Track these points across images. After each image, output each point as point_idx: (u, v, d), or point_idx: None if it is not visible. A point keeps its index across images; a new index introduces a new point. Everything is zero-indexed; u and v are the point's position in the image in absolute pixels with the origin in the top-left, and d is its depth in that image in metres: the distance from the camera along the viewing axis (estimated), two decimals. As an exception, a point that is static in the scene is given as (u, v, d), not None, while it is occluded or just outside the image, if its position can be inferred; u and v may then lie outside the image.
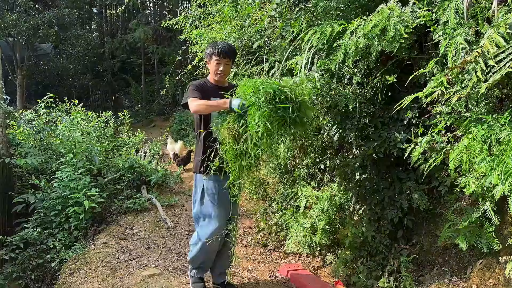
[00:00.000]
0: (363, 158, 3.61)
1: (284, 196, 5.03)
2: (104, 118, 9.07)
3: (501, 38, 2.64)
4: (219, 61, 3.36)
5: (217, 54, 3.34)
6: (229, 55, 3.38)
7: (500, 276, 2.79)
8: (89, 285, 4.12)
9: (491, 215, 2.70)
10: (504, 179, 2.40)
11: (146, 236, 5.10)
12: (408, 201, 3.38)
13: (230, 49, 3.40)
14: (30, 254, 5.63)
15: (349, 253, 3.57)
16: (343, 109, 3.65)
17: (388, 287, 3.23)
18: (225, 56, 3.35)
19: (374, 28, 3.36)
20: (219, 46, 3.38)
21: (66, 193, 5.84)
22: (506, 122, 2.62)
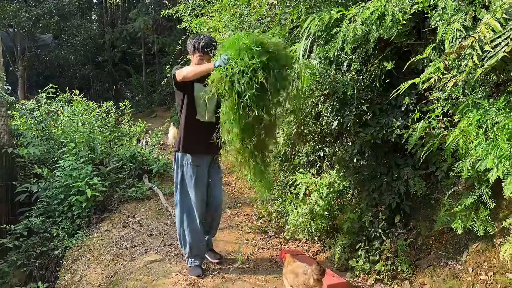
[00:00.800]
0: (361, 145, 3.64)
1: (284, 184, 5.07)
2: (106, 108, 9.10)
3: (497, 23, 2.64)
4: (202, 56, 3.46)
5: (200, 50, 3.46)
6: (207, 50, 3.43)
7: (495, 259, 2.84)
8: (92, 271, 4.19)
9: (486, 199, 2.74)
10: (498, 162, 2.44)
11: (148, 224, 5.17)
12: (405, 187, 3.42)
13: (212, 44, 3.48)
14: (33, 242, 5.72)
15: (347, 238, 3.62)
16: (342, 96, 3.67)
17: (386, 270, 3.28)
18: (208, 53, 3.41)
19: (372, 15, 3.36)
20: (202, 42, 3.49)
21: (68, 182, 5.91)
22: (502, 106, 2.65)
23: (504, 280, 2.70)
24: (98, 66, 19.06)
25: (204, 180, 3.58)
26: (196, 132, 3.52)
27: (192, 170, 3.51)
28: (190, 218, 3.59)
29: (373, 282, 3.31)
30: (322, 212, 3.94)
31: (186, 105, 3.55)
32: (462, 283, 2.89)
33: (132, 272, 3.84)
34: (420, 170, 3.38)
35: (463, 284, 2.88)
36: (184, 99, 3.56)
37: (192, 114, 3.55)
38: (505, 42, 2.58)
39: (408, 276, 3.19)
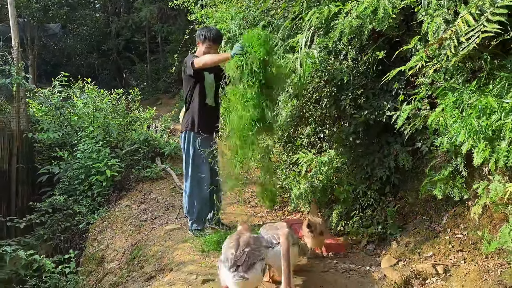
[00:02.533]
0: (356, 125, 4.11)
1: (287, 163, 5.54)
2: (116, 95, 9.57)
3: (471, 18, 3.09)
4: (211, 46, 4.06)
5: (211, 40, 4.06)
6: (219, 42, 4.19)
7: (470, 220, 3.32)
8: (117, 240, 4.71)
9: (461, 169, 3.22)
10: (468, 137, 2.91)
11: (164, 200, 5.68)
12: (394, 161, 3.89)
13: (221, 37, 4.22)
14: (58, 218, 6.27)
15: (343, 208, 4.11)
16: (339, 82, 4.13)
17: (376, 233, 3.78)
18: (216, 42, 4.09)
19: (366, 9, 3.81)
20: (213, 32, 4.11)
21: (88, 163, 6.41)
22: (474, 89, 3.11)
23: (475, 236, 3.19)
24: (103, 55, 19.46)
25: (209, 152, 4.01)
26: (206, 115, 4.10)
27: (204, 145, 3.99)
28: (200, 188, 4.12)
29: (365, 243, 3.81)
30: (322, 186, 4.43)
31: (199, 91, 4.11)
32: (441, 241, 3.39)
33: (154, 239, 4.35)
34: (408, 146, 3.85)
35: (442, 242, 3.38)
36: (196, 86, 4.10)
37: (203, 99, 4.14)
38: (477, 34, 3.03)
39: (395, 237, 3.69)
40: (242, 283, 2.47)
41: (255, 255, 2.61)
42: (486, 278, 2.81)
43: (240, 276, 2.47)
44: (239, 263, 2.53)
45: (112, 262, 4.43)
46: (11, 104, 7.72)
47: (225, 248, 2.73)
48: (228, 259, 2.59)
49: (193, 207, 4.15)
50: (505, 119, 2.75)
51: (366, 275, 3.27)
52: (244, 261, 2.53)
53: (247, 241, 2.71)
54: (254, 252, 2.63)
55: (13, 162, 7.43)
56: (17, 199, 7.38)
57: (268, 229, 3.13)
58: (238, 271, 2.50)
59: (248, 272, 2.50)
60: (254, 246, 2.68)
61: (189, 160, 4.13)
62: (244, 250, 2.61)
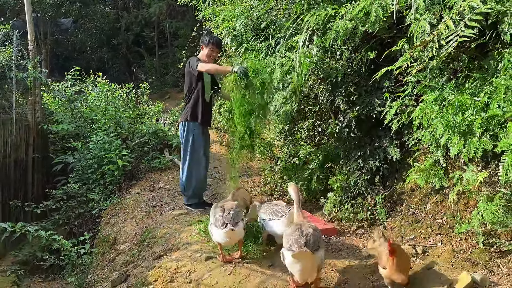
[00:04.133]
0: (350, 120, 4.44)
1: (287, 155, 5.89)
2: (127, 89, 9.96)
3: (451, 23, 3.40)
4: (214, 49, 4.95)
5: (213, 44, 4.93)
6: (220, 47, 5.14)
7: (449, 207, 3.65)
8: (129, 224, 5.11)
9: (440, 160, 3.54)
10: (445, 131, 3.24)
11: (172, 189, 6.06)
12: (384, 153, 4.23)
13: (221, 43, 5.17)
14: (72, 204, 6.67)
15: (337, 196, 4.45)
16: (334, 80, 4.47)
17: (366, 219, 4.13)
18: (218, 47, 5.03)
19: (359, 12, 4.13)
20: (215, 39, 5.01)
21: (101, 153, 6.81)
22: (453, 88, 3.43)
23: (452, 221, 3.52)
24: (113, 49, 19.87)
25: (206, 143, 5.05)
26: (204, 108, 4.91)
27: (201, 134, 4.93)
28: (198, 168, 4.91)
29: (356, 228, 4.16)
30: (319, 176, 4.79)
31: (201, 89, 4.91)
32: (422, 226, 3.73)
33: (162, 223, 4.74)
34: (396, 140, 4.18)
35: (423, 226, 3.72)
36: (198, 84, 4.91)
37: (202, 95, 4.92)
38: (455, 38, 3.34)
39: (383, 222, 4.03)
40: (230, 233, 3.35)
41: (238, 216, 3.49)
42: (457, 257, 3.15)
43: (229, 228, 3.31)
44: (227, 221, 3.37)
45: (124, 244, 4.82)
46: (27, 97, 8.13)
47: (213, 214, 3.59)
48: (217, 220, 3.43)
49: (190, 186, 4.92)
50: (476, 115, 3.07)
51: (354, 255, 3.63)
52: (230, 219, 3.38)
53: (231, 207, 3.56)
54: (237, 214, 3.50)
55: (29, 152, 7.86)
56: (32, 187, 7.82)
57: (267, 206, 3.75)
58: (227, 226, 3.33)
59: (234, 227, 3.35)
60: (236, 210, 3.54)
61: (188, 145, 4.88)
62: (230, 212, 3.46)
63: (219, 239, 3.48)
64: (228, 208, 3.53)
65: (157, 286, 3.46)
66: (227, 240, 3.47)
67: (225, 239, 3.43)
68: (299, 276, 2.92)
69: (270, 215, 3.61)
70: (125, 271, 4.23)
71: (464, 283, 2.72)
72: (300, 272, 2.89)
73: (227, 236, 3.39)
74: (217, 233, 3.45)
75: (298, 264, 2.85)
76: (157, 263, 3.90)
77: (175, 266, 3.62)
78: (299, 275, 2.91)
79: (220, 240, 3.50)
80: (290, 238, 2.90)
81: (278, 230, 3.51)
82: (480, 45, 3.52)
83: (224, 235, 3.38)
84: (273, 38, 6.08)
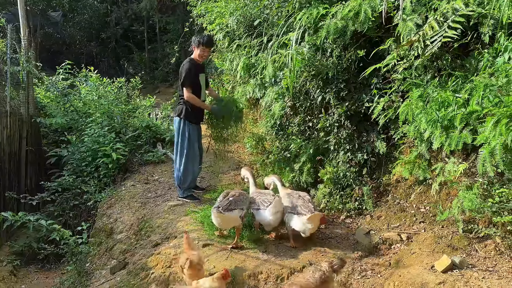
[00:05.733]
0: (339, 115, 4.66)
1: (279, 149, 6.08)
2: (118, 83, 10.04)
3: (436, 24, 3.63)
4: (205, 49, 5.10)
5: (204, 44, 5.06)
6: (211, 45, 5.24)
7: (432, 196, 3.89)
8: (125, 214, 5.25)
9: (424, 153, 3.78)
10: (429, 125, 3.47)
11: (166, 181, 6.21)
12: (371, 147, 4.45)
13: (212, 41, 5.27)
14: (67, 197, 6.76)
15: (327, 187, 4.67)
16: (325, 77, 4.67)
17: (354, 209, 4.36)
18: (209, 46, 5.14)
19: (349, 12, 4.35)
20: (205, 38, 5.11)
21: (95, 147, 6.91)
22: (436, 85, 3.66)
23: (435, 210, 3.76)
24: (102, 43, 19.81)
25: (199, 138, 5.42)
26: (197, 107, 5.19)
27: (196, 130, 5.27)
28: (193, 164, 5.21)
29: (344, 217, 4.38)
30: (309, 169, 4.99)
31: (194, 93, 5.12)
32: (407, 215, 3.96)
33: (159, 213, 4.90)
34: (383, 134, 4.41)
35: (408, 215, 3.96)
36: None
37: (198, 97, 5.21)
38: (439, 38, 3.57)
39: (370, 212, 4.26)
40: (218, 215, 3.63)
41: (236, 204, 3.74)
42: (439, 243, 3.38)
43: (218, 211, 3.60)
44: (220, 205, 3.66)
45: (121, 234, 4.97)
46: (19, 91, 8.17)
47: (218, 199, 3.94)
48: (216, 203, 3.79)
49: (186, 179, 5.18)
50: (458, 111, 3.30)
51: (342, 241, 3.85)
52: (225, 205, 3.66)
53: (234, 194, 3.86)
54: (236, 202, 3.76)
55: (22, 145, 7.90)
56: (26, 179, 7.88)
57: (257, 195, 4.05)
58: (218, 210, 3.62)
59: (225, 212, 3.62)
60: (237, 198, 3.80)
61: (184, 141, 5.15)
62: (228, 199, 3.76)
63: (214, 221, 3.82)
64: (231, 195, 3.84)
65: (157, 271, 3.63)
66: (218, 221, 3.74)
67: (216, 219, 3.73)
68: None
69: (258, 205, 3.90)
70: (123, 259, 4.39)
71: (444, 265, 2.96)
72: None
73: (216, 217, 3.68)
74: (212, 216, 3.80)
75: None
76: (155, 250, 4.06)
77: (173, 253, 3.80)
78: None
79: (214, 223, 3.84)
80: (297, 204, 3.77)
81: (265, 219, 3.82)
82: (463, 45, 3.76)
83: (212, 216, 3.73)
84: (265, 35, 6.26)
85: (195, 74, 5.12)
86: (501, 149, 2.86)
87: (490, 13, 3.44)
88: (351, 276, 3.25)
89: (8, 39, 7.46)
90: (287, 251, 3.73)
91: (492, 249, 3.15)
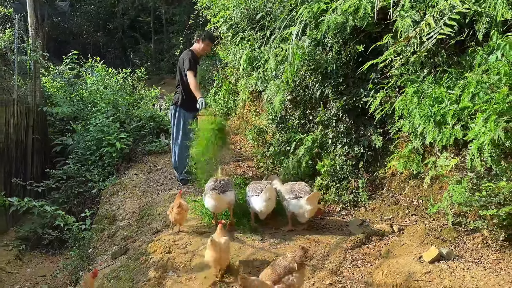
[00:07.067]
0: (338, 109, 4.74)
1: (279, 142, 6.18)
2: (124, 74, 10.16)
3: (432, 21, 3.69)
4: (209, 44, 5.69)
5: (210, 39, 5.65)
6: (214, 40, 5.92)
7: (425, 190, 3.98)
8: (127, 202, 5.40)
9: (418, 147, 3.86)
10: (422, 120, 3.55)
11: (168, 171, 6.34)
12: (368, 141, 4.54)
13: (214, 37, 5.95)
14: (72, 184, 6.94)
15: (324, 180, 4.77)
16: (324, 71, 4.75)
17: (349, 201, 4.46)
18: (213, 41, 5.81)
19: (349, 8, 4.42)
20: (211, 35, 5.75)
21: (100, 136, 7.05)
22: (431, 81, 3.73)
23: (427, 203, 3.86)
24: (108, 34, 19.91)
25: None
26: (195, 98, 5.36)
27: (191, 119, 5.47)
28: (187, 149, 5.34)
29: (340, 209, 4.49)
30: (307, 161, 5.10)
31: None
32: (400, 207, 4.06)
33: (160, 202, 5.03)
34: (380, 128, 4.50)
35: (401, 208, 4.06)
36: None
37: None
38: (435, 35, 3.64)
39: (364, 204, 4.36)
40: (216, 196, 3.85)
41: (228, 186, 4.08)
42: (429, 234, 3.49)
43: (216, 192, 3.85)
44: (216, 187, 3.95)
45: (123, 221, 5.11)
46: (27, 80, 8.32)
47: (207, 184, 4.16)
48: (209, 187, 4.01)
49: (182, 164, 5.55)
50: (450, 107, 3.38)
51: (337, 232, 3.96)
52: (219, 187, 3.97)
53: (223, 178, 4.19)
54: (227, 184, 4.09)
55: (29, 133, 8.07)
56: (32, 167, 8.06)
57: (252, 184, 4.20)
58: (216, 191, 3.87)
59: (221, 193, 3.91)
60: (228, 181, 4.16)
61: (180, 128, 5.51)
62: (220, 182, 4.06)
63: (209, 205, 3.98)
64: (221, 178, 4.11)
65: (156, 256, 3.77)
66: (214, 204, 3.91)
67: (213, 202, 3.89)
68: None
69: (252, 192, 4.09)
70: (124, 245, 4.53)
71: (431, 256, 3.06)
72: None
73: (214, 199, 3.86)
74: (207, 199, 3.96)
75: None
76: (155, 237, 4.20)
77: (172, 239, 3.94)
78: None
79: (209, 205, 3.99)
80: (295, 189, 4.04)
81: (257, 205, 3.99)
82: (459, 42, 3.82)
83: (210, 198, 3.88)
84: (268, 28, 6.34)
85: (196, 64, 5.53)
86: (490, 145, 2.95)
87: (486, 11, 3.50)
88: (342, 264, 3.36)
89: (15, 28, 7.59)
90: (282, 240, 3.84)
91: (480, 242, 3.24)
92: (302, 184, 4.18)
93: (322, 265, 3.39)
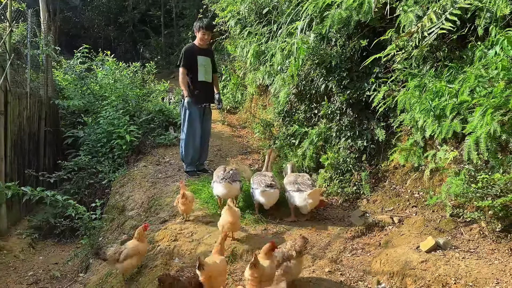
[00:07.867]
0: (341, 103, 4.82)
1: (285, 135, 6.28)
2: (134, 68, 10.32)
3: (434, 16, 3.75)
4: (205, 33, 5.53)
5: (204, 28, 5.51)
6: (211, 29, 5.64)
7: (425, 183, 4.05)
8: (136, 193, 5.55)
9: (419, 140, 3.93)
10: (421, 114, 3.62)
11: (176, 163, 6.48)
12: (371, 134, 4.62)
13: (212, 25, 5.74)
14: (83, 175, 7.10)
15: (327, 172, 4.86)
16: (328, 65, 4.83)
17: (352, 193, 4.55)
18: (209, 29, 5.55)
19: (354, 2, 4.48)
20: (205, 22, 5.58)
21: (110, 129, 7.21)
22: (432, 75, 3.80)
23: (426, 196, 3.93)
24: (119, 28, 20.11)
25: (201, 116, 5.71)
26: (200, 87, 5.59)
27: (198, 110, 5.62)
28: (194, 139, 5.62)
29: (342, 201, 4.58)
30: (311, 154, 5.19)
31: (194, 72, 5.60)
32: (401, 199, 4.15)
33: (167, 193, 5.17)
34: (383, 122, 4.57)
35: (402, 200, 4.14)
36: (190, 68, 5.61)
37: (195, 77, 5.60)
38: (436, 30, 3.69)
39: (366, 196, 4.45)
40: (228, 186, 4.08)
41: (237, 176, 4.29)
42: (427, 225, 3.57)
43: (227, 182, 4.08)
44: (227, 177, 4.14)
45: (132, 211, 5.27)
46: (39, 73, 8.51)
47: (216, 173, 4.35)
48: (219, 176, 4.20)
49: (188, 154, 5.65)
50: (449, 101, 3.45)
51: (338, 223, 4.06)
52: (229, 176, 4.16)
53: (231, 168, 4.39)
54: (236, 174, 4.29)
55: (41, 126, 8.25)
56: (44, 158, 8.26)
57: (256, 176, 4.33)
58: (227, 180, 4.09)
59: (232, 182, 3.99)
60: (235, 171, 4.33)
61: (185, 118, 5.62)
62: (229, 171, 4.25)
63: (219, 192, 4.23)
64: (229, 168, 4.31)
65: (163, 244, 3.91)
66: (225, 192, 4.14)
67: (224, 191, 4.12)
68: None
69: (255, 185, 4.20)
70: (133, 233, 4.67)
71: (428, 246, 3.15)
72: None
73: (225, 188, 4.08)
74: (217, 187, 4.20)
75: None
76: (163, 226, 4.34)
77: (179, 228, 4.07)
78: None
79: (219, 193, 4.25)
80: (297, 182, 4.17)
81: (260, 197, 4.12)
82: (461, 36, 3.87)
83: (222, 187, 4.11)
84: (275, 23, 6.42)
85: (193, 56, 5.53)
86: (486, 138, 3.02)
87: (486, 6, 3.54)
88: (342, 253, 3.47)
89: (28, 23, 7.76)
90: (285, 230, 3.95)
91: (477, 233, 3.32)
92: (306, 177, 4.28)
93: (323, 253, 3.49)
